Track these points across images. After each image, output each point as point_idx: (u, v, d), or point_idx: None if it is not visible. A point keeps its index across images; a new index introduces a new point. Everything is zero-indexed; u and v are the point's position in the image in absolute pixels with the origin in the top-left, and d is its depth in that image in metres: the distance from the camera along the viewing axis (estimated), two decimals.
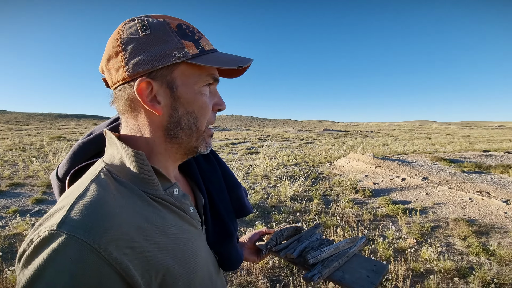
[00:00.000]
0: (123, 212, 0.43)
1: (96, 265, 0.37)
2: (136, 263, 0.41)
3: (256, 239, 0.93)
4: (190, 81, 0.52)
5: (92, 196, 0.43)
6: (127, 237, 0.42)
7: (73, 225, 0.38)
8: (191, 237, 0.54)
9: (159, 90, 0.50)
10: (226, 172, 0.77)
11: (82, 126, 28.83)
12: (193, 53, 0.50)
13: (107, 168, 0.49)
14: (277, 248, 0.85)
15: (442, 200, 4.97)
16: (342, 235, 3.43)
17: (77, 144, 0.60)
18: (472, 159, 9.08)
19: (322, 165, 8.69)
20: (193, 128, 0.54)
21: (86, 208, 0.41)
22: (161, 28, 0.50)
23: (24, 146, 11.54)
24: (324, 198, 5.28)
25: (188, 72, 0.52)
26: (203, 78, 0.53)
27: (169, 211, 0.52)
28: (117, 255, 0.39)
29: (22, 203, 4.68)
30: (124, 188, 0.48)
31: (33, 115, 49.05)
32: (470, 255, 3.07)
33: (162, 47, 0.49)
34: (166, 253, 0.46)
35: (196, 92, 0.52)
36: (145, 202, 0.48)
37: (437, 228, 3.82)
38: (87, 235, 0.38)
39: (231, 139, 17.22)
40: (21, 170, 6.87)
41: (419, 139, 19.89)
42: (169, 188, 0.53)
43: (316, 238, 0.91)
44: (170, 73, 0.50)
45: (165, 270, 0.45)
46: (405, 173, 6.81)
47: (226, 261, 0.68)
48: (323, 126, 49.03)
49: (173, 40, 0.50)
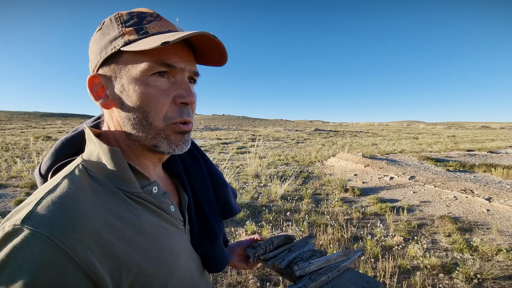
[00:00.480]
0: (92, 209, 0.42)
1: (59, 263, 0.36)
2: (104, 261, 0.40)
3: (246, 245, 0.89)
4: (133, 71, 0.48)
5: (62, 191, 0.41)
6: (95, 234, 0.40)
7: (38, 220, 0.37)
8: (170, 236, 0.53)
9: (106, 83, 0.50)
10: (213, 171, 0.74)
11: (68, 125, 28.09)
12: (129, 40, 0.47)
13: (83, 164, 0.48)
14: (265, 257, 0.81)
15: (429, 198, 5.10)
16: (331, 233, 3.47)
17: (60, 141, 0.59)
18: (457, 158, 9.36)
19: (313, 165, 8.76)
20: (144, 124, 0.49)
21: (53, 204, 0.39)
22: (108, 21, 0.50)
23: (7, 146, 11.15)
24: (314, 197, 5.32)
25: (130, 61, 0.48)
26: (149, 66, 0.47)
27: (145, 209, 0.50)
28: (82, 252, 0.38)
29: (4, 205, 4.51)
30: (98, 185, 0.46)
31: (17, 114, 47.46)
32: (454, 251, 3.16)
33: (105, 40, 0.49)
34: (139, 251, 0.45)
35: (140, 83, 0.48)
36: (119, 200, 0.47)
37: (423, 225, 3.91)
38: (51, 231, 0.36)
39: (222, 138, 17.15)
40: (3, 171, 6.63)
41: (406, 139, 20.35)
42: (147, 186, 0.52)
43: (308, 248, 0.86)
44: (115, 64, 0.49)
45: (138, 269, 0.44)
46: (393, 172, 6.95)
47: (210, 263, 0.66)
48: (313, 126, 49.47)
49: (114, 30, 0.48)
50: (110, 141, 0.53)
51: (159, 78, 0.48)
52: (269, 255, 0.82)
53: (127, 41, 0.47)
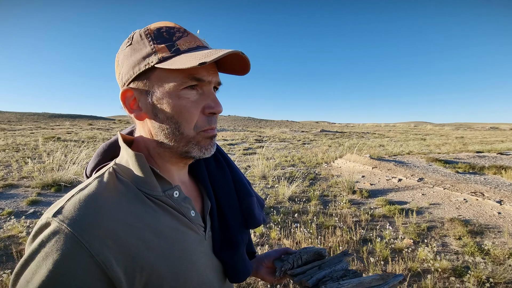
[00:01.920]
0: (113, 209, 0.46)
1: (78, 255, 0.40)
2: (119, 258, 0.43)
3: (275, 257, 0.85)
4: (166, 86, 0.50)
5: (89, 191, 0.46)
6: (113, 232, 0.44)
7: (65, 215, 0.42)
8: (187, 241, 0.54)
9: (139, 97, 0.53)
10: (238, 179, 0.73)
11: (77, 126, 28.52)
12: (162, 57, 0.49)
13: (114, 167, 0.53)
14: (293, 272, 0.76)
15: (438, 200, 5.04)
16: (340, 236, 3.46)
17: (102, 146, 0.64)
18: (466, 160, 9.21)
19: (319, 166, 8.73)
20: (176, 133, 0.52)
21: (79, 201, 0.44)
22: (139, 36, 0.52)
23: (17, 147, 11.37)
24: (321, 198, 5.30)
25: (163, 76, 0.50)
26: (182, 81, 0.50)
27: (165, 212, 0.53)
28: (99, 247, 0.42)
29: (16, 205, 4.61)
30: (123, 187, 0.50)
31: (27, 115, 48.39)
32: (465, 255, 3.11)
33: (137, 55, 0.51)
34: (154, 252, 0.47)
35: (173, 96, 0.50)
36: (140, 201, 0.50)
37: (433, 228, 3.87)
38: (73, 226, 0.41)
39: (228, 139, 17.20)
40: (15, 171, 6.77)
41: (414, 140, 20.11)
42: (168, 190, 0.54)
43: (341, 267, 0.78)
44: (147, 79, 0.51)
45: (151, 270, 0.46)
46: (401, 174, 6.88)
47: (230, 272, 0.64)
48: (319, 127, 49.25)
49: (146, 47, 0.50)
50: (140, 148, 0.57)
51: (190, 91, 0.52)
52: (297, 270, 0.77)
53: (161, 58, 0.49)
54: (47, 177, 5.72)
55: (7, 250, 3.08)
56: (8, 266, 2.79)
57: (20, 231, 3.49)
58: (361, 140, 19.68)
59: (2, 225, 3.75)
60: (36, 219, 3.96)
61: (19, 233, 3.46)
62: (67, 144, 11.21)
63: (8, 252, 3.03)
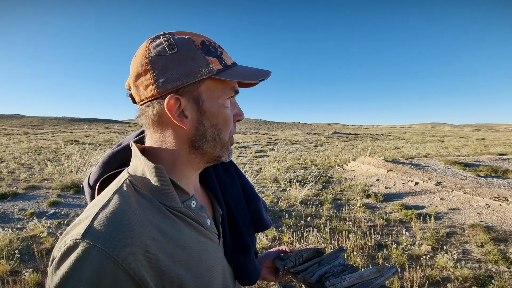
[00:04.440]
0: (140, 224, 0.45)
1: (115, 274, 0.39)
2: (151, 274, 0.43)
3: (275, 256, 0.88)
4: (214, 96, 0.54)
5: (114, 207, 0.45)
6: (144, 248, 0.43)
7: (96, 235, 0.41)
8: (207, 250, 0.55)
9: (186, 105, 0.52)
10: (245, 184, 0.76)
11: (94, 129, 29.48)
12: (218, 69, 0.53)
13: (130, 179, 0.52)
14: (295, 270, 0.80)
15: (458, 205, 4.84)
16: (354, 241, 3.38)
17: (107, 154, 0.63)
18: (487, 163, 8.81)
19: (332, 169, 8.60)
20: (217, 139, 0.56)
21: (107, 219, 0.43)
22: (187, 45, 0.52)
23: (39, 150, 11.88)
24: (335, 202, 5.22)
25: (212, 87, 0.54)
26: (226, 92, 0.55)
27: (185, 223, 0.53)
28: (134, 265, 0.41)
29: (38, 206, 4.81)
30: (144, 200, 0.50)
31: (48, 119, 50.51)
32: (488, 263, 2.97)
33: (190, 64, 0.51)
34: (180, 265, 0.48)
35: (219, 105, 0.55)
36: (162, 214, 0.50)
37: (452, 234, 3.72)
38: (107, 245, 0.40)
39: (240, 142, 17.27)
40: (37, 173, 7.07)
41: (431, 142, 19.47)
42: (186, 200, 0.54)
43: (339, 263, 0.84)
44: (197, 89, 0.53)
45: (179, 282, 0.46)
46: (418, 177, 6.67)
47: (243, 275, 0.67)
48: (332, 129, 48.64)
49: (199, 57, 0.52)
50: (159, 157, 0.55)
51: (228, 101, 0.57)
52: (299, 268, 0.81)
53: (217, 70, 0.52)
54: (66, 179, 5.94)
55: (30, 249, 3.21)
56: (30, 265, 2.91)
57: (41, 231, 3.63)
58: (375, 142, 19.25)
59: (25, 225, 3.91)
60: (56, 220, 4.11)
61: (41, 233, 3.61)
62: (85, 147, 11.60)
63: (30, 251, 3.16)
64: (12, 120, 46.64)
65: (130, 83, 0.54)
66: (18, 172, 7.29)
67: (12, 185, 5.97)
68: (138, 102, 0.55)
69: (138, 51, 0.53)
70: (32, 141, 15.70)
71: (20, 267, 2.82)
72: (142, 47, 0.53)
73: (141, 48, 0.53)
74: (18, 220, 4.13)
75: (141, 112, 0.55)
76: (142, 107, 0.54)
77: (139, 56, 0.52)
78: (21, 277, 2.60)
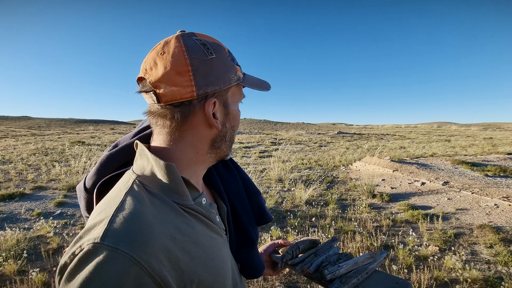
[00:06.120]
0: (158, 223, 0.44)
1: (138, 277, 0.38)
2: (172, 274, 0.42)
3: (271, 251, 0.91)
4: (235, 100, 0.60)
5: (130, 208, 0.44)
6: (164, 248, 0.42)
7: (116, 237, 0.39)
8: (219, 246, 0.55)
9: (218, 108, 0.55)
10: (246, 180, 0.79)
11: (100, 131, 29.79)
12: (241, 76, 0.59)
13: (139, 179, 0.50)
14: (293, 262, 0.83)
15: (465, 205, 4.76)
16: (360, 241, 3.35)
17: (104, 156, 0.62)
18: (496, 162, 8.67)
19: (337, 169, 8.54)
20: (232, 139, 0.61)
21: (126, 221, 0.42)
22: (221, 51, 0.55)
23: (46, 151, 12.04)
24: (340, 202, 5.18)
25: (235, 92, 0.59)
26: (241, 97, 0.62)
27: (198, 220, 0.53)
28: (157, 266, 0.40)
29: (45, 206, 4.87)
30: (157, 200, 0.49)
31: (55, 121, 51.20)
32: (498, 264, 2.91)
33: (226, 70, 0.54)
34: (197, 262, 0.47)
35: (237, 109, 0.61)
36: (176, 213, 0.49)
37: (460, 235, 3.66)
38: (129, 248, 0.39)
39: (244, 142, 17.27)
40: (44, 174, 7.16)
41: (437, 142, 19.24)
42: (197, 197, 0.54)
43: (334, 252, 0.88)
44: (226, 93, 0.57)
45: (198, 280, 0.46)
46: (425, 177, 6.58)
47: (248, 269, 0.69)
48: (336, 129, 48.37)
49: (231, 64, 0.56)
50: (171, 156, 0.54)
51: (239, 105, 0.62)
52: (296, 260, 0.84)
53: (240, 78, 0.58)
54: (73, 179, 6.00)
55: (37, 249, 3.25)
56: (37, 264, 2.93)
57: (48, 231, 3.67)
58: (381, 142, 19.09)
59: (32, 225, 3.96)
60: (62, 220, 4.15)
61: (47, 233, 3.64)
62: (91, 148, 11.72)
63: (38, 251, 3.19)
64: (19, 121, 47.39)
65: (157, 81, 0.50)
66: (26, 173, 7.39)
67: (19, 186, 6.06)
68: (165, 101, 0.51)
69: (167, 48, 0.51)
70: (39, 142, 15.92)
71: (27, 266, 2.85)
72: (172, 45, 0.51)
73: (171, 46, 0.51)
74: (25, 220, 4.18)
75: (163, 111, 0.52)
76: (169, 106, 0.51)
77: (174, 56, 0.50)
78: (28, 276, 2.63)
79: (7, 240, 3.16)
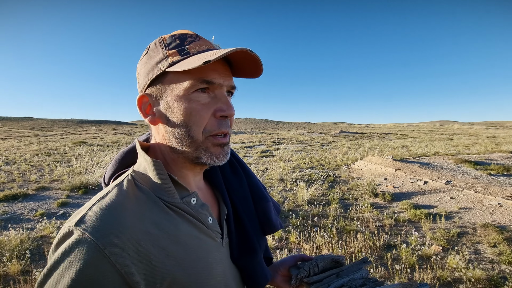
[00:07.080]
0: (134, 217, 0.46)
1: (101, 264, 0.41)
2: (140, 266, 0.43)
3: (291, 264, 0.82)
4: (177, 90, 0.51)
5: (110, 200, 0.47)
6: (134, 241, 0.44)
7: (87, 224, 0.43)
8: (206, 248, 0.54)
9: (154, 102, 0.54)
10: (254, 184, 0.73)
11: (102, 131, 29.91)
12: (173, 61, 0.50)
13: (132, 174, 0.53)
14: (309, 280, 0.73)
15: (468, 204, 4.74)
16: (362, 241, 3.34)
17: (121, 152, 0.65)
18: (499, 161, 8.61)
19: (339, 168, 8.53)
20: (187, 137, 0.52)
21: (100, 210, 0.45)
22: (154, 45, 0.54)
23: (49, 151, 12.11)
24: (342, 202, 5.17)
25: (175, 80, 0.51)
26: (192, 84, 0.50)
27: (183, 219, 0.52)
28: (121, 256, 0.42)
29: (48, 206, 4.89)
30: (142, 194, 0.50)
31: (57, 121, 51.45)
32: (501, 264, 2.89)
33: (151, 62, 0.53)
34: (174, 261, 0.47)
35: (184, 99, 0.50)
36: (159, 209, 0.50)
37: (464, 234, 3.64)
38: (96, 235, 0.41)
39: (246, 142, 17.27)
40: (46, 174, 7.20)
41: (440, 140, 19.14)
42: (186, 197, 0.54)
43: (360, 275, 0.74)
44: (160, 84, 0.53)
45: (172, 278, 0.46)
46: (427, 176, 6.55)
47: (249, 278, 0.63)
48: (338, 128, 48.26)
49: (159, 53, 0.52)
50: (157, 154, 0.57)
51: (201, 94, 0.51)
52: (314, 278, 0.74)
53: (171, 63, 0.50)
54: (75, 180, 6.03)
55: (40, 249, 3.26)
56: (41, 264, 2.95)
57: (51, 231, 3.69)
58: (383, 141, 19.02)
59: (35, 225, 3.98)
60: (65, 220, 4.16)
61: (50, 233, 3.66)
62: (93, 148, 11.76)
63: (41, 251, 3.21)
64: (22, 122, 47.68)
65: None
66: (29, 173, 7.43)
67: (23, 186, 6.09)
68: None
69: None
70: (42, 143, 16.01)
71: (30, 266, 2.87)
72: None
73: None
74: (28, 221, 4.21)
75: None
76: None
77: None
78: (32, 276, 2.65)
79: (11, 240, 3.18)
